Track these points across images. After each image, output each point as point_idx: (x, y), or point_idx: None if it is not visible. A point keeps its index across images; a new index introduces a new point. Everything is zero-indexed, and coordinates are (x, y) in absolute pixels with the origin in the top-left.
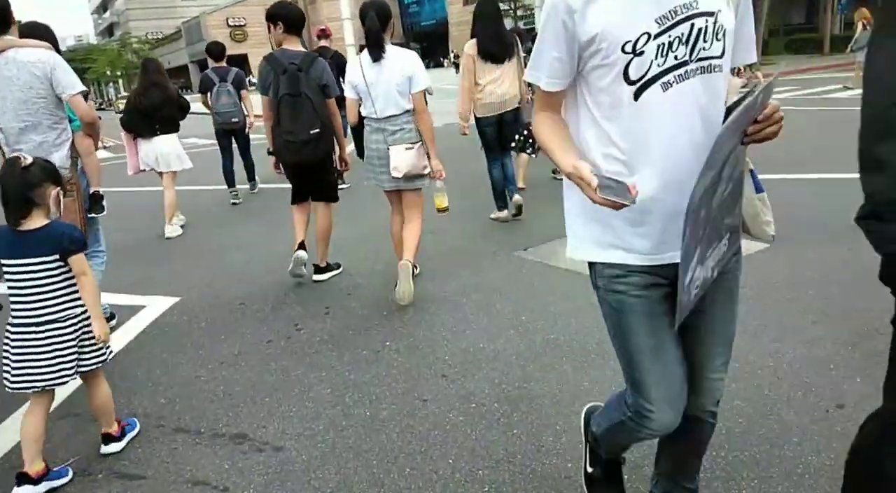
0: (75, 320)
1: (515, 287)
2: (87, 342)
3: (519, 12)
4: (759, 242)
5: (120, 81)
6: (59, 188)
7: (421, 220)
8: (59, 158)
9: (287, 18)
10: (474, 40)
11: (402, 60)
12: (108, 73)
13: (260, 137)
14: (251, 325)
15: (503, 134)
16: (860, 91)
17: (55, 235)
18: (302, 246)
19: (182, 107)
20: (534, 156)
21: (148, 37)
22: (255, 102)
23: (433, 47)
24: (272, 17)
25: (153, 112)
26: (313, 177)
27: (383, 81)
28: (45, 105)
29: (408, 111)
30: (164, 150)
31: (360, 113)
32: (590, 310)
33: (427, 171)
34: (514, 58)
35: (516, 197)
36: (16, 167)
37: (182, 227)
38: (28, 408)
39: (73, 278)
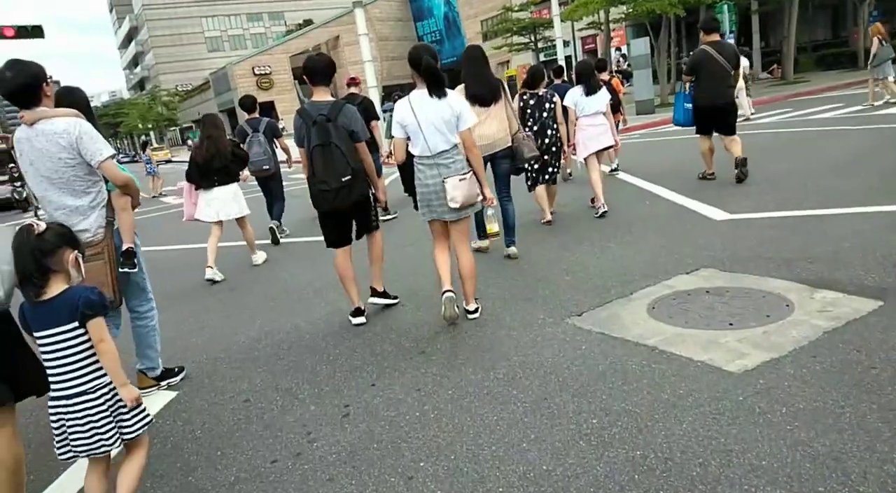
0: (105, 390)
1: (576, 373)
2: (123, 411)
3: (540, 44)
4: (872, 303)
5: (151, 133)
6: (76, 251)
7: (471, 253)
8: (95, 219)
9: (312, 71)
10: (462, 85)
11: (450, 99)
12: (140, 126)
13: (294, 182)
14: (254, 436)
15: (497, 174)
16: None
17: (72, 300)
18: (359, 313)
19: (238, 157)
20: (552, 183)
21: (178, 89)
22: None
23: (453, 84)
24: (303, 71)
25: (208, 165)
26: (353, 219)
27: (435, 119)
28: (74, 172)
29: (455, 146)
30: (224, 199)
31: (407, 151)
32: (680, 408)
33: (480, 198)
34: (500, 100)
35: (512, 249)
36: (29, 235)
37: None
38: (87, 468)
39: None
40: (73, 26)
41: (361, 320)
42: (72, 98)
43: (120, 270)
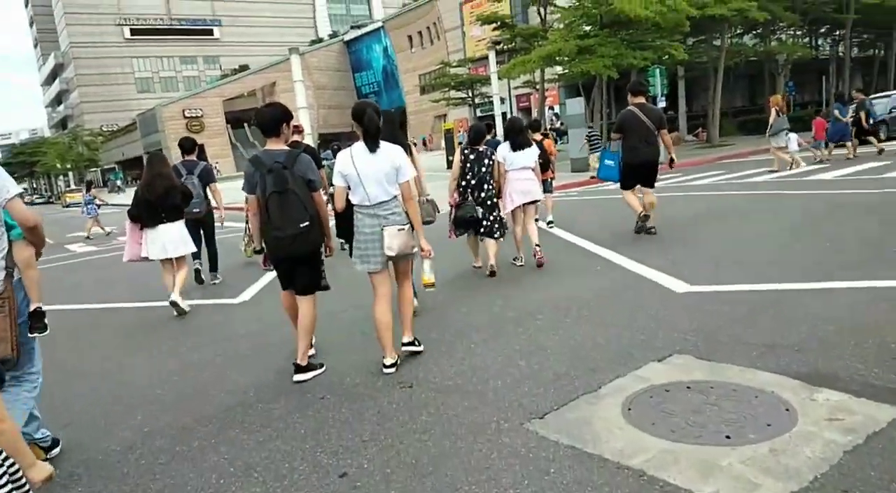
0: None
1: None
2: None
3: (477, 99)
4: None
5: (70, 174)
6: None
7: (412, 289)
8: None
9: (261, 123)
10: None
11: (390, 152)
12: (59, 165)
13: (230, 229)
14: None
15: None
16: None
17: None
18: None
19: (186, 195)
20: (501, 239)
21: (102, 129)
22: (223, 193)
23: (390, 134)
24: (256, 121)
25: (160, 202)
26: (303, 268)
27: (374, 171)
28: None
29: (395, 197)
30: (171, 236)
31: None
32: None
33: (415, 249)
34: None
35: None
36: None
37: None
38: None
39: None
40: None
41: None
42: None
43: (30, 334)
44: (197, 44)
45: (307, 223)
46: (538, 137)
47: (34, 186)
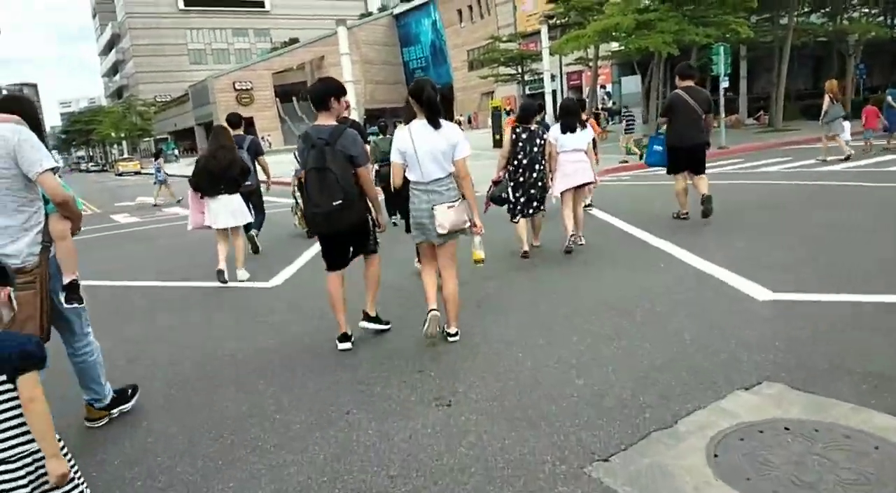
0: (28, 460)
1: None
2: (47, 489)
3: (527, 76)
4: None
5: (124, 143)
6: (7, 288)
7: (456, 278)
8: (27, 243)
9: (312, 98)
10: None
11: (447, 130)
12: (113, 134)
13: (273, 204)
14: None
15: None
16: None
17: (3, 352)
18: (345, 338)
19: (244, 170)
20: (536, 215)
21: (155, 99)
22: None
23: (438, 110)
24: (309, 96)
25: (221, 173)
26: (350, 242)
27: (431, 148)
28: (8, 185)
29: (450, 174)
30: (231, 207)
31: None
32: None
33: (467, 225)
34: None
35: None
36: None
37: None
38: None
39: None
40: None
41: (347, 345)
42: (17, 106)
43: (66, 305)
44: (249, 16)
45: (340, 201)
46: (583, 117)
47: (90, 153)
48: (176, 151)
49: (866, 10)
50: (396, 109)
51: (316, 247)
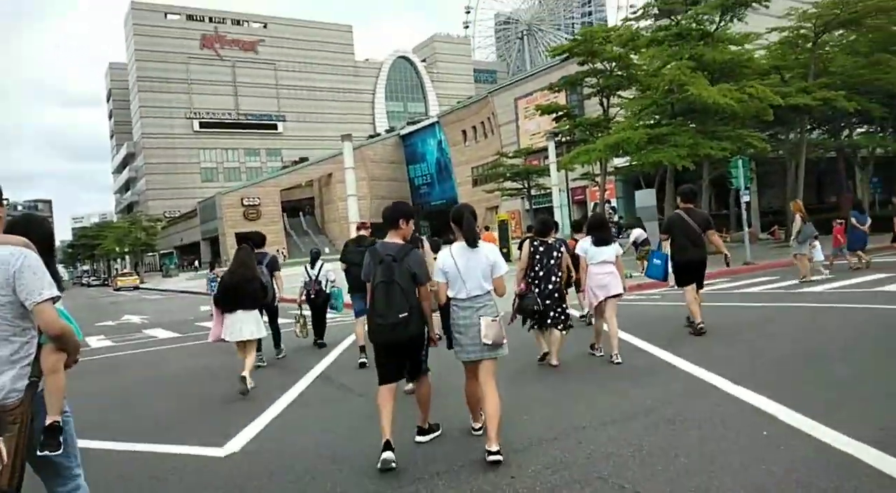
0: None
1: None
2: None
3: (532, 191)
4: None
5: (127, 257)
6: None
7: (498, 394)
8: (12, 377)
9: (385, 217)
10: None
11: (485, 250)
12: (117, 249)
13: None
14: None
15: None
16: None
17: None
18: (388, 446)
19: (264, 287)
20: (557, 328)
21: (164, 215)
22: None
23: (443, 225)
24: (383, 218)
25: (239, 288)
26: (407, 355)
27: (473, 267)
28: (2, 313)
29: (489, 292)
30: (246, 320)
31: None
32: None
33: (505, 341)
34: None
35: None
36: None
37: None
38: None
39: None
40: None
41: (390, 455)
42: (29, 228)
43: (39, 452)
44: (261, 137)
45: (406, 314)
46: (578, 237)
47: (94, 267)
48: (172, 267)
49: (864, 129)
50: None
51: (307, 379)
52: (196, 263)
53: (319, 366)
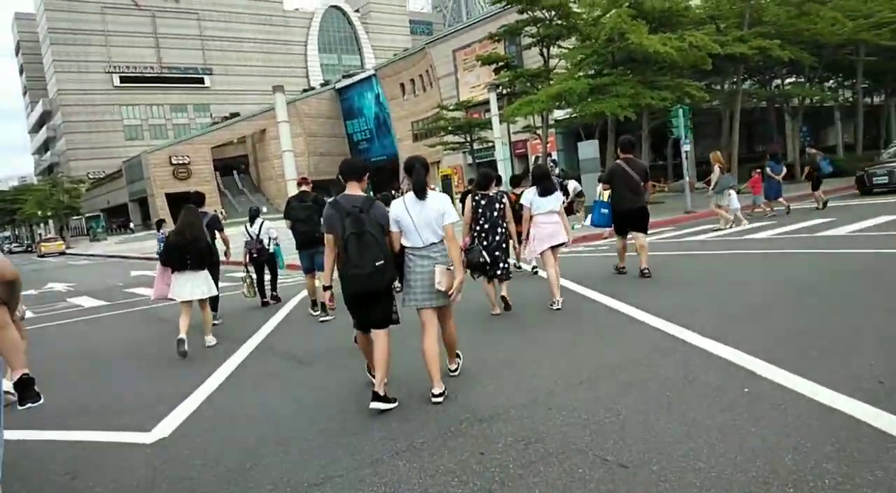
0: None
1: None
2: None
3: (475, 145)
4: None
5: (50, 222)
6: None
7: (453, 328)
8: None
9: (347, 170)
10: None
11: (437, 200)
12: (39, 213)
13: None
14: None
15: None
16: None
17: None
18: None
19: (209, 247)
20: (504, 278)
21: (88, 176)
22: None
23: (384, 181)
24: (339, 170)
25: (188, 248)
26: (377, 304)
27: (425, 216)
28: None
29: (442, 240)
30: (196, 281)
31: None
32: None
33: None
34: None
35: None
36: None
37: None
38: None
39: None
40: None
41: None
42: None
43: (20, 406)
44: (188, 92)
45: (382, 262)
46: (518, 191)
47: (16, 233)
48: (100, 230)
49: (793, 78)
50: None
51: (248, 348)
52: (130, 225)
53: (262, 331)
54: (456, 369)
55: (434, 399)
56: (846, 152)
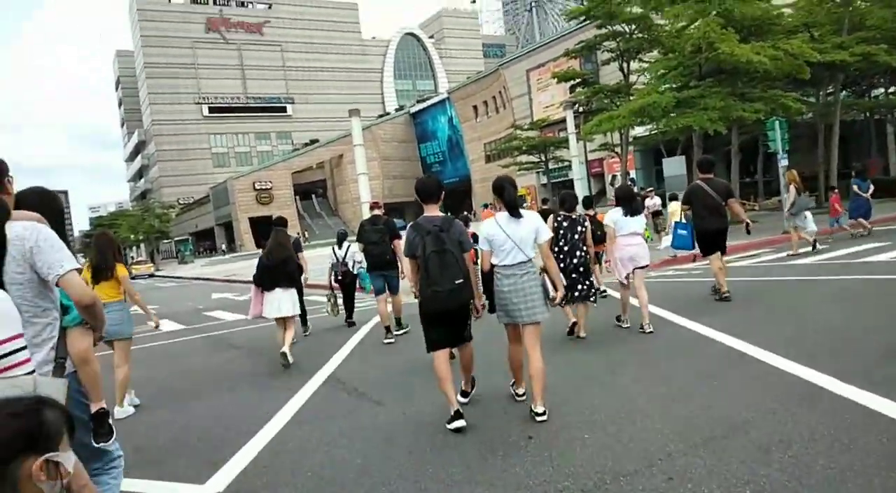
0: None
1: None
2: None
3: (550, 164)
4: None
5: (142, 245)
6: (42, 458)
7: (542, 357)
8: (38, 361)
9: (424, 191)
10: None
11: (531, 218)
12: (132, 237)
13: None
14: None
15: None
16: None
17: None
18: (458, 416)
19: (300, 267)
20: (582, 301)
21: (178, 202)
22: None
23: (457, 203)
24: (416, 191)
25: (277, 268)
26: (456, 321)
27: (520, 235)
28: (21, 292)
29: (531, 259)
30: (284, 299)
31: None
32: None
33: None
34: None
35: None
36: None
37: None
38: None
39: None
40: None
41: (461, 423)
42: (37, 200)
43: (95, 443)
44: (271, 120)
45: (461, 280)
46: (591, 212)
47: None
48: (188, 253)
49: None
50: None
51: (318, 380)
52: (222, 247)
53: (335, 359)
54: (543, 413)
55: (518, 398)
56: None
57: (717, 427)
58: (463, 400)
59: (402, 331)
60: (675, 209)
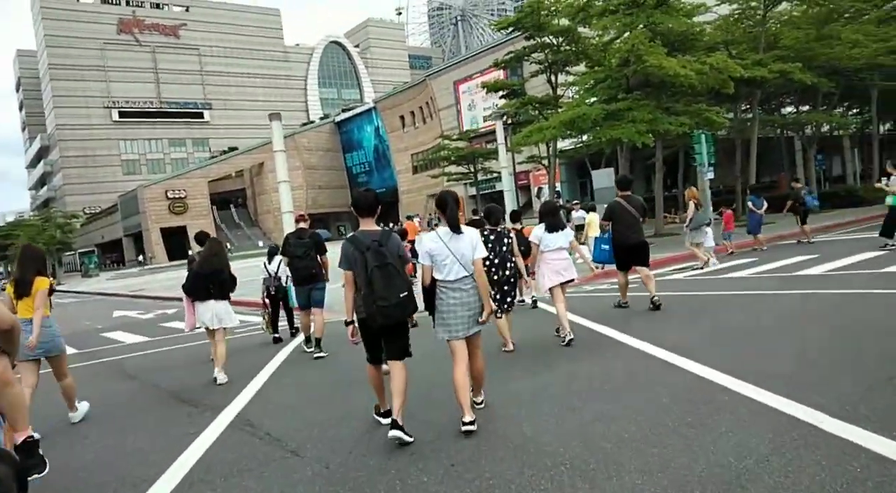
0: None
1: None
2: None
3: (479, 175)
4: None
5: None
6: None
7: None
8: None
9: (360, 205)
10: None
11: (471, 235)
12: None
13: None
14: None
15: None
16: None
17: None
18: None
19: (233, 279)
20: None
21: (84, 211)
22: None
23: (383, 214)
24: (352, 205)
25: (211, 278)
26: (397, 335)
27: (460, 251)
28: None
29: (472, 274)
30: (218, 309)
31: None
32: None
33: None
34: None
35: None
36: None
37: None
38: None
39: None
40: None
41: (398, 433)
42: None
43: (28, 477)
44: (187, 127)
45: (406, 293)
46: (518, 226)
47: (8, 270)
48: (92, 266)
49: (804, 107)
50: (339, 213)
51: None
52: (138, 259)
53: (252, 386)
54: (482, 402)
55: (464, 427)
56: (863, 182)
57: (709, 477)
58: (399, 435)
59: (319, 354)
60: (591, 220)
